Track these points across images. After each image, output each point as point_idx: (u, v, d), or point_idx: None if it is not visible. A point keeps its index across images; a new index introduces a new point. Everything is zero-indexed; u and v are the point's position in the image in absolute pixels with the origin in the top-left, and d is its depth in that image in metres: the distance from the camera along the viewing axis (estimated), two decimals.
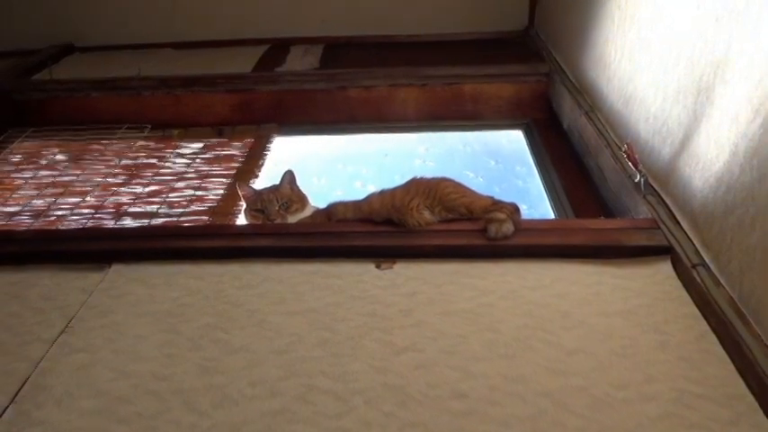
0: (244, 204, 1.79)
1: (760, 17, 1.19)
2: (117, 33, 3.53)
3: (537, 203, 2.18)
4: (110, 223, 2.04)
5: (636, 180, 1.68)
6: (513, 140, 2.72)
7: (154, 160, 2.51)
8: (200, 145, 2.64)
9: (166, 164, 2.48)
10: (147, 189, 2.28)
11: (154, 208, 2.15)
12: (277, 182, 1.80)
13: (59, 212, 2.13)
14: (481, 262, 1.49)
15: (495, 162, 2.67)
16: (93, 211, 2.13)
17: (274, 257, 1.55)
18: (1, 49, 3.44)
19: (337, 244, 1.56)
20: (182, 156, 2.57)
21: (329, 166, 2.72)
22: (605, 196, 1.92)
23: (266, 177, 2.38)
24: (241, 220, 1.84)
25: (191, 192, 2.28)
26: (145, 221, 2.05)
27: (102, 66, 3.20)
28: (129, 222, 2.04)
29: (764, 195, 1.12)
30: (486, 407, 1.09)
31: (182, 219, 2.08)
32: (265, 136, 2.70)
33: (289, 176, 1.76)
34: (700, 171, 1.38)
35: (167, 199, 2.22)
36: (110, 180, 2.34)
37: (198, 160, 2.52)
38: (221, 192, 2.27)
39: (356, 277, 1.47)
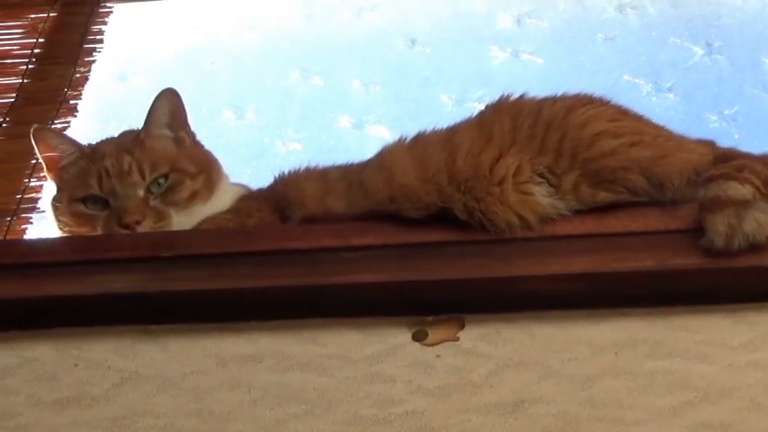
0: (52, 185, 1.14)
1: None
2: None
3: None
4: None
5: None
6: None
7: None
8: None
9: None
10: None
11: None
12: (136, 124, 1.13)
13: None
14: (693, 315, 0.91)
15: (704, 48, 1.59)
16: None
17: (146, 323, 0.97)
18: None
19: (311, 282, 0.94)
20: None
21: (267, 78, 1.62)
22: None
23: (100, 111, 1.55)
24: (47, 226, 1.23)
25: None
26: None
27: None
28: None
29: None
30: None
31: None
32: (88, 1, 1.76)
33: (169, 107, 1.10)
34: None
35: None
36: None
37: None
38: None
39: (365, 368, 0.91)
